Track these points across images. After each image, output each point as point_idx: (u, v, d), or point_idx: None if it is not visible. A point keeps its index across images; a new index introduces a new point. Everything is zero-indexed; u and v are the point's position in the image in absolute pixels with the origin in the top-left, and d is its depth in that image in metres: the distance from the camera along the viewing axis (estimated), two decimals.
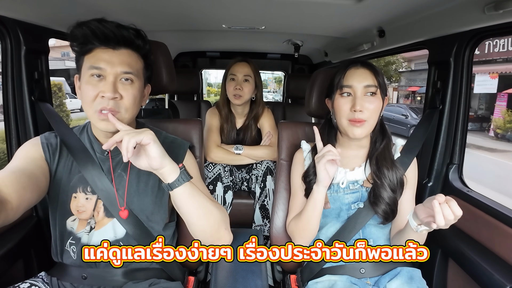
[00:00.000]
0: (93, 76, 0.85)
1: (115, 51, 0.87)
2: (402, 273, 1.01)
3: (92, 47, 0.86)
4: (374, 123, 1.02)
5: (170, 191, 0.83)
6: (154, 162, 0.78)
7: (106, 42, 0.86)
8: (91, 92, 0.85)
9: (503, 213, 1.02)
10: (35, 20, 1.16)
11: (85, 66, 0.87)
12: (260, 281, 0.90)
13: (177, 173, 0.82)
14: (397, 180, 1.03)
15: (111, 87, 0.84)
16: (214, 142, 1.87)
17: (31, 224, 1.17)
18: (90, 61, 0.86)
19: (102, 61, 0.85)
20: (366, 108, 0.99)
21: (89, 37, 0.85)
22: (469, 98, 1.24)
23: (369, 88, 1.00)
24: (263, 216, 1.77)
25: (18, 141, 1.18)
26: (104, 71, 0.85)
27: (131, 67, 0.88)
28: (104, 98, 0.84)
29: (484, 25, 1.02)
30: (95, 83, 0.85)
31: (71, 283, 0.95)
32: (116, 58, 0.86)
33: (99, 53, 0.86)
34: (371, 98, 1.00)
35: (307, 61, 3.18)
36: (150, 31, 1.86)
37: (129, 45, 0.89)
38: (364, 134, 1.02)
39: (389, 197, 1.01)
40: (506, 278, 0.92)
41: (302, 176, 1.13)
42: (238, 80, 1.86)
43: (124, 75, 0.87)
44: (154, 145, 0.77)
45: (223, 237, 0.98)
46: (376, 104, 1.00)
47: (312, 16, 1.51)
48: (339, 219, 1.08)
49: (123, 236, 0.95)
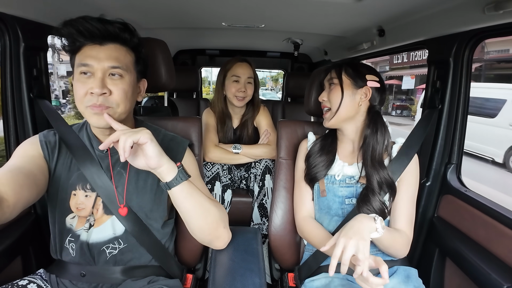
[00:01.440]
0: (82, 73, 0.85)
1: (102, 47, 0.86)
2: (398, 272, 1.01)
3: (80, 45, 0.86)
4: (337, 109, 1.08)
5: (168, 190, 0.83)
6: (151, 162, 0.78)
7: (92, 39, 0.85)
8: (81, 89, 0.85)
9: (500, 213, 1.02)
10: (34, 16, 1.15)
11: (75, 65, 0.87)
12: (258, 279, 0.90)
13: (174, 172, 0.82)
14: (385, 182, 1.02)
15: (99, 83, 0.84)
16: (212, 141, 1.85)
17: (29, 221, 1.17)
18: (79, 59, 0.86)
19: (89, 57, 0.85)
20: (328, 97, 1.12)
21: (75, 35, 0.84)
22: (468, 98, 1.24)
23: (330, 81, 1.13)
24: (261, 214, 1.77)
25: (16, 138, 1.18)
26: (91, 67, 0.85)
27: (119, 61, 0.87)
28: (93, 95, 0.84)
29: (484, 25, 1.02)
30: (84, 80, 0.85)
31: (70, 280, 0.95)
32: (103, 54, 0.86)
33: (86, 50, 0.86)
34: (331, 88, 1.11)
35: (307, 60, 3.17)
36: (150, 29, 1.86)
37: (115, 39, 0.88)
38: (334, 122, 1.11)
39: (375, 201, 1.01)
40: (503, 277, 0.92)
41: (305, 157, 1.18)
42: (242, 82, 1.84)
43: (112, 69, 0.86)
44: (151, 144, 0.77)
45: (222, 235, 0.98)
46: (335, 92, 1.09)
47: (312, 15, 1.51)
48: (332, 213, 1.09)
49: (122, 233, 0.95)
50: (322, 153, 1.14)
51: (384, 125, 1.07)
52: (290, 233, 1.24)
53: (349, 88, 1.07)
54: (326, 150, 1.14)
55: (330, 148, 1.14)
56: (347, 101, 1.07)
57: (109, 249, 0.94)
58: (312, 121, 1.42)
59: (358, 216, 0.90)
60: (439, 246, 1.23)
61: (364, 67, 1.12)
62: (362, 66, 1.13)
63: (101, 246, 0.94)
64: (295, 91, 2.83)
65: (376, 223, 0.87)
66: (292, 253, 1.25)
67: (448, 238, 1.17)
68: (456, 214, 1.20)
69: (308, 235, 1.11)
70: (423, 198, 1.32)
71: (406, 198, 1.06)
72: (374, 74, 1.09)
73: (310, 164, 1.14)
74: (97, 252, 0.94)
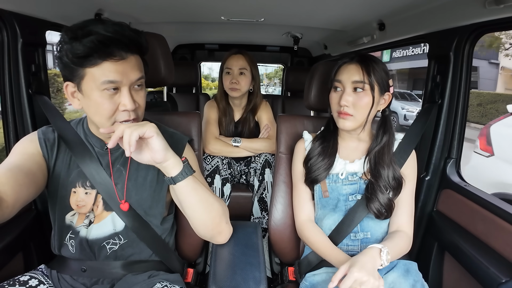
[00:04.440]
0: (106, 90, 0.79)
1: (125, 60, 0.80)
2: (398, 266, 1.02)
3: (100, 61, 0.77)
4: (363, 118, 1.03)
5: (173, 184, 0.82)
6: (157, 156, 0.77)
7: (118, 54, 0.78)
8: (109, 106, 0.80)
9: (499, 207, 1.02)
10: (32, 12, 1.14)
11: (90, 79, 0.79)
12: (258, 273, 0.91)
13: (180, 167, 0.81)
14: (394, 179, 1.04)
15: (129, 99, 0.81)
16: (212, 134, 1.87)
17: (30, 217, 1.17)
18: (99, 74, 0.78)
19: (116, 73, 0.78)
20: (352, 103, 1.01)
21: (99, 51, 0.76)
22: (468, 93, 1.24)
23: (356, 84, 1.01)
24: (261, 208, 1.78)
25: (16, 134, 1.18)
26: (119, 83, 0.80)
27: (141, 71, 0.85)
28: (125, 111, 0.82)
29: (485, 19, 1.02)
30: (111, 96, 0.80)
31: (70, 275, 0.95)
32: (128, 67, 0.80)
33: (109, 66, 0.78)
34: (359, 94, 1.01)
35: (307, 54, 3.16)
36: (148, 23, 1.85)
37: (138, 51, 0.85)
38: (351, 127, 1.04)
39: (383, 197, 1.02)
40: (502, 271, 0.93)
41: (303, 161, 1.15)
42: (234, 73, 1.86)
43: (137, 81, 0.84)
44: (157, 138, 0.75)
45: (224, 230, 0.98)
46: (364, 100, 1.01)
47: (311, 8, 1.49)
48: (336, 209, 1.09)
49: (122, 229, 0.95)
50: (324, 156, 1.11)
51: (392, 125, 1.09)
52: (290, 227, 1.24)
53: (377, 94, 1.02)
54: (328, 153, 1.11)
55: (331, 150, 1.12)
56: (373, 109, 1.03)
57: (110, 244, 0.95)
58: (312, 116, 1.42)
59: (370, 251, 0.91)
60: (438, 240, 1.24)
61: (385, 66, 1.06)
62: (384, 64, 1.06)
63: (101, 242, 0.94)
64: (295, 85, 2.82)
65: (382, 258, 0.90)
66: (292, 247, 1.26)
67: (447, 232, 1.18)
68: (455, 209, 1.20)
69: (307, 240, 1.11)
70: (422, 193, 1.32)
71: (406, 193, 1.07)
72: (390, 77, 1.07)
73: (310, 167, 1.12)
74: (98, 248, 0.94)
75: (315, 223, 1.14)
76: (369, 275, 0.83)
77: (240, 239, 1.07)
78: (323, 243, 1.06)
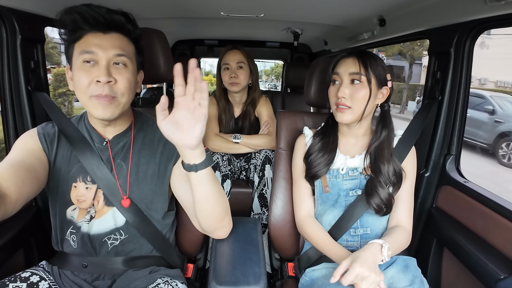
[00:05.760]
0: (85, 62, 0.83)
1: (105, 35, 0.85)
2: (397, 261, 1.02)
3: (82, 33, 0.84)
4: (360, 111, 1.03)
5: (195, 172, 0.79)
6: (195, 140, 0.74)
7: (97, 27, 0.84)
8: (85, 78, 0.83)
9: (498, 204, 1.03)
10: (30, 8, 1.13)
11: (76, 53, 0.85)
12: (258, 269, 0.92)
13: (204, 155, 0.79)
14: (394, 175, 1.04)
15: (104, 71, 0.82)
16: (212, 130, 1.88)
17: (30, 213, 1.17)
18: (81, 47, 0.84)
19: (94, 45, 0.83)
20: (349, 95, 1.02)
21: (79, 22, 0.82)
22: (468, 90, 1.24)
23: (353, 76, 1.02)
24: (261, 204, 1.79)
25: (15, 131, 1.18)
26: (96, 55, 0.83)
27: (124, 50, 0.86)
28: (99, 84, 0.82)
29: (486, 15, 1.01)
30: (88, 69, 0.83)
31: (71, 271, 0.96)
32: (108, 42, 0.84)
33: (89, 38, 0.84)
34: (356, 86, 1.02)
35: (307, 50, 3.14)
36: (148, 19, 1.84)
37: (119, 29, 0.87)
38: (349, 120, 1.05)
39: (383, 193, 1.02)
40: (500, 268, 0.93)
41: (304, 156, 1.15)
42: (232, 68, 1.86)
43: (117, 58, 0.85)
44: (204, 121, 0.73)
45: (226, 225, 0.99)
46: (362, 92, 1.02)
47: (312, 4, 1.48)
48: (336, 205, 1.10)
49: (123, 225, 0.96)
50: (324, 152, 1.11)
51: (392, 120, 1.09)
52: (290, 223, 1.25)
53: (374, 87, 1.03)
54: (329, 149, 1.12)
55: (332, 146, 1.12)
56: (371, 102, 1.03)
57: (111, 240, 0.95)
58: (312, 112, 1.41)
59: (371, 247, 0.92)
60: (437, 236, 1.25)
61: (382, 61, 1.07)
62: (382, 60, 1.08)
63: (102, 237, 0.95)
64: (294, 81, 2.81)
65: (383, 254, 0.92)
66: (291, 243, 1.26)
67: (446, 228, 1.18)
68: (455, 205, 1.21)
69: (307, 235, 1.12)
70: (422, 189, 1.32)
71: (405, 189, 1.07)
72: (389, 72, 1.07)
73: (311, 163, 1.12)
74: (99, 243, 0.95)
75: (315, 219, 1.14)
76: (371, 270, 0.84)
77: (240, 235, 1.07)
78: (323, 239, 1.07)
